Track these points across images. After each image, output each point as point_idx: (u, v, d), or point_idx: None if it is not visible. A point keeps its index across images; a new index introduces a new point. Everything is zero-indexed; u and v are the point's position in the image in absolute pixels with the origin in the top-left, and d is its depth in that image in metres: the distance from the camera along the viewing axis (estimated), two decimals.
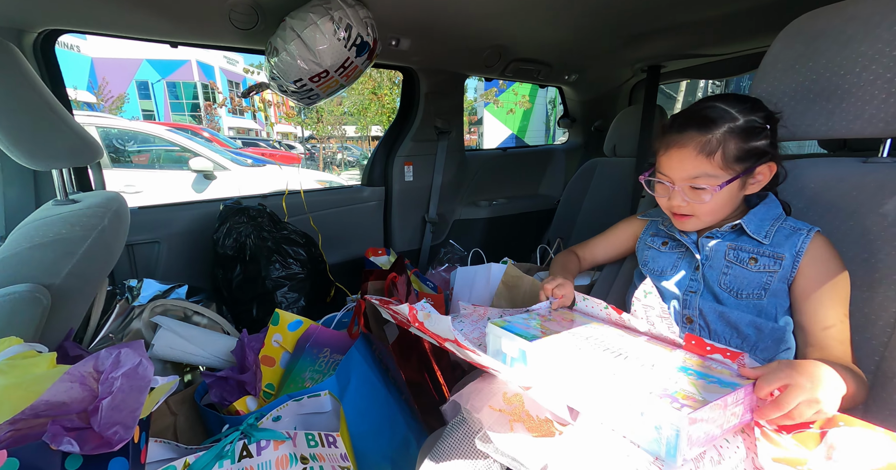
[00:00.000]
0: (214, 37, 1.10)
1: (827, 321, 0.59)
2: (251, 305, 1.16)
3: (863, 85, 0.63)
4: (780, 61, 0.71)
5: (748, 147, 0.63)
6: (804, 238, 0.63)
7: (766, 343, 0.64)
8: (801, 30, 0.70)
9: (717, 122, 0.63)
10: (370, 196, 1.70)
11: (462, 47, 1.47)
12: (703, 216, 0.69)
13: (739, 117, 0.63)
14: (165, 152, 3.94)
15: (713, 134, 0.63)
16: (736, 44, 1.52)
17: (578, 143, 2.39)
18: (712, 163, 0.63)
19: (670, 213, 0.73)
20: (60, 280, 0.63)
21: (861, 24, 0.63)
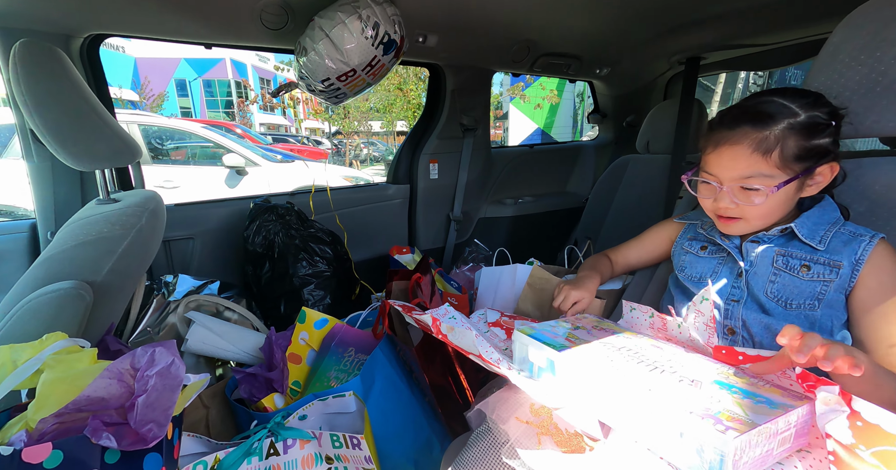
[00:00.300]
0: (246, 37, 1.12)
1: (893, 338, 0.54)
2: (279, 301, 1.19)
3: None
4: (843, 52, 0.65)
5: (810, 145, 0.58)
6: (866, 245, 0.58)
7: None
8: (868, 17, 0.63)
9: (776, 118, 0.58)
10: (395, 194, 1.70)
11: (490, 43, 1.44)
12: (753, 220, 0.64)
13: (801, 113, 0.58)
14: (201, 149, 4.10)
15: (771, 130, 0.58)
16: (785, 32, 1.41)
17: (609, 139, 2.31)
18: (768, 162, 0.58)
19: (714, 216, 0.69)
20: (102, 277, 0.66)
21: None
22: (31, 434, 0.46)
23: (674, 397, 0.45)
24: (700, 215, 0.81)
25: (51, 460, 0.45)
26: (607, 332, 0.65)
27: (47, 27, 0.93)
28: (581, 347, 0.57)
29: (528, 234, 2.03)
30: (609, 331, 0.65)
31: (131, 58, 15.64)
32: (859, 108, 0.64)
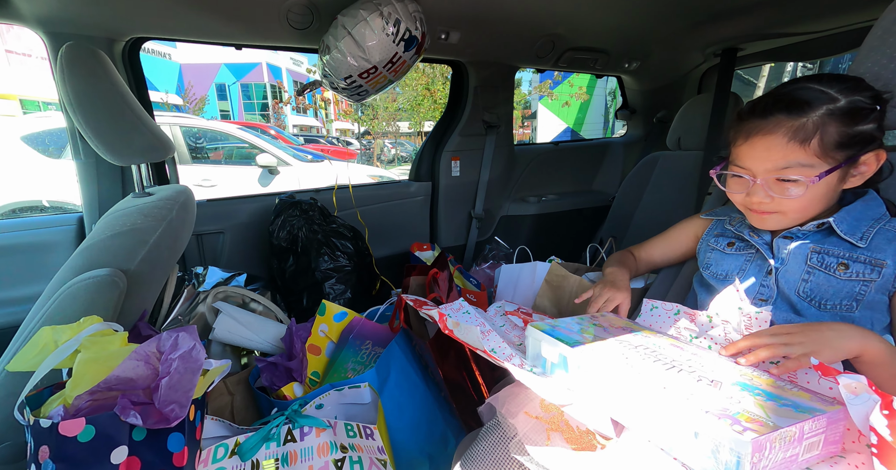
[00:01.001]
0: (274, 37, 1.16)
1: None
2: (302, 294, 1.22)
3: None
4: (894, 34, 0.60)
5: (852, 132, 0.54)
6: None
7: None
8: None
9: (813, 104, 0.54)
10: (417, 191, 1.71)
11: (513, 38, 1.42)
12: (791, 213, 0.60)
13: (840, 97, 0.54)
14: (237, 149, 4.28)
15: (808, 117, 0.54)
16: (834, 18, 1.31)
17: (638, 135, 2.23)
18: (807, 151, 0.54)
19: (746, 210, 0.64)
20: (135, 265, 0.70)
21: None
22: (67, 409, 0.50)
23: (690, 396, 0.43)
24: (728, 211, 0.77)
25: (84, 434, 0.48)
26: (626, 330, 0.63)
27: (93, 32, 1.00)
28: (595, 344, 0.56)
29: (551, 232, 1.99)
30: (627, 329, 0.63)
31: (176, 64, 16.57)
32: None
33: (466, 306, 0.69)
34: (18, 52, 10.46)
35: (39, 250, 1.11)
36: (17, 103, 11.29)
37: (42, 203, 2.94)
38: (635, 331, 0.61)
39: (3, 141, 3.03)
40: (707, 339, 0.57)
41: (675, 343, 0.57)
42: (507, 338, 0.69)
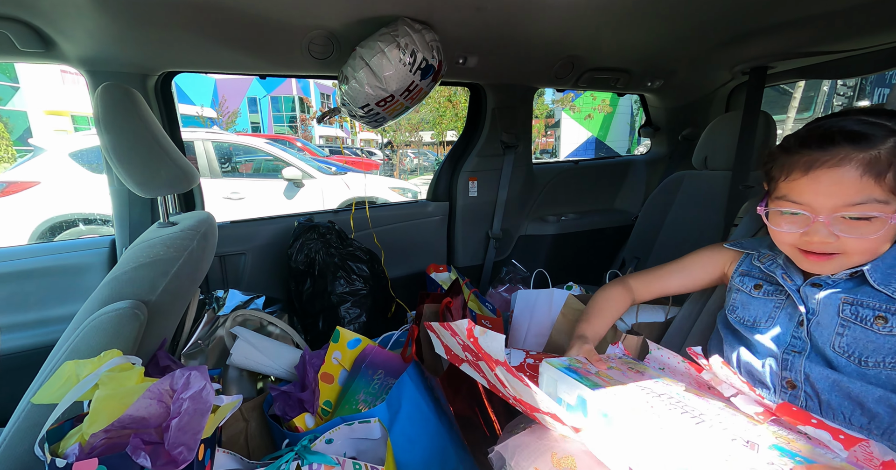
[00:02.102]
0: (297, 67, 1.20)
1: None
2: (318, 317, 1.24)
3: None
4: None
5: None
6: None
7: None
8: None
9: (879, 136, 0.50)
10: (434, 211, 1.71)
11: (531, 61, 1.42)
12: (856, 255, 0.54)
13: None
14: (264, 162, 4.44)
15: (879, 148, 0.50)
16: (867, 38, 1.24)
17: (662, 153, 2.17)
18: (882, 186, 0.50)
19: (796, 251, 0.58)
20: (156, 297, 0.72)
21: None
22: (83, 448, 0.52)
23: (728, 458, 0.40)
24: (757, 245, 0.72)
25: None
26: (644, 375, 0.59)
27: (128, 68, 1.06)
28: (617, 388, 0.53)
29: (571, 252, 1.95)
30: (646, 375, 0.60)
31: (212, 79, 17.45)
32: None
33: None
34: (72, 72, 11.26)
35: (74, 273, 1.17)
36: (69, 119, 12.07)
37: (75, 218, 3.11)
38: (654, 377, 0.58)
39: (52, 157, 3.25)
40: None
41: (698, 393, 0.54)
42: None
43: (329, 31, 1.06)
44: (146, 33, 0.95)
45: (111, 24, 0.89)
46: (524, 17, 1.06)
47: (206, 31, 0.97)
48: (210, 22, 0.93)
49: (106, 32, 0.92)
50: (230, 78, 17.69)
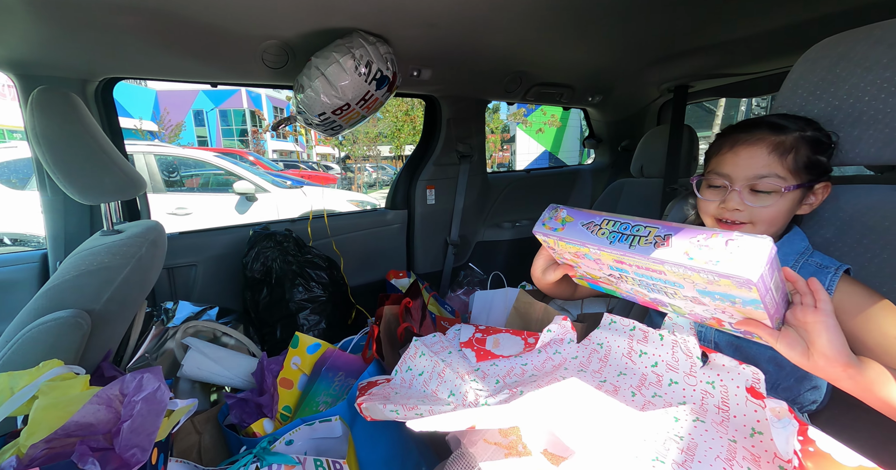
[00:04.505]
0: (249, 76, 1.20)
1: (891, 330, 0.53)
2: (276, 326, 1.21)
3: (891, 112, 0.60)
4: (801, 87, 0.69)
5: (815, 158, 0.61)
6: (832, 277, 0.58)
7: (788, 382, 0.60)
8: (821, 54, 0.67)
9: (790, 128, 0.62)
10: (393, 219, 1.74)
11: (482, 75, 1.51)
12: (761, 224, 0.62)
13: (808, 128, 0.62)
14: (214, 176, 4.25)
15: (787, 136, 0.61)
16: (766, 62, 1.47)
17: (605, 163, 2.35)
18: (784, 164, 0.60)
19: (716, 222, 0.67)
20: (101, 305, 0.69)
21: (887, 48, 0.60)
22: (21, 460, 0.49)
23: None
24: None
25: None
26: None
27: (65, 73, 1.01)
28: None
29: (526, 256, 2.03)
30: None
31: (152, 91, 16.50)
32: None
33: (422, 348, 0.73)
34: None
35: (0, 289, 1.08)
36: None
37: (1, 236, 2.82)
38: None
39: None
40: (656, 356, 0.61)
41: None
42: (461, 367, 0.71)
43: (283, 41, 1.08)
44: (86, 36, 0.91)
45: (46, 25, 0.84)
46: (475, 33, 1.14)
47: (154, 37, 0.95)
48: (159, 28, 0.92)
49: (40, 34, 0.87)
50: (173, 89, 16.81)
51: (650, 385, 0.59)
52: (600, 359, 0.67)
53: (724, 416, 0.51)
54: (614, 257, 0.54)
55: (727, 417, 0.51)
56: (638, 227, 0.51)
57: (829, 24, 1.07)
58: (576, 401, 0.54)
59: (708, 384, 0.54)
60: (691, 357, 0.56)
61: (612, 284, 0.64)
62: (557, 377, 0.63)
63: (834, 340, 0.45)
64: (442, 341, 0.81)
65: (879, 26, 0.62)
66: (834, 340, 0.45)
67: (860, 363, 0.45)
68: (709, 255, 0.44)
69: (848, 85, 0.64)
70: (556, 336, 0.73)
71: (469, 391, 0.66)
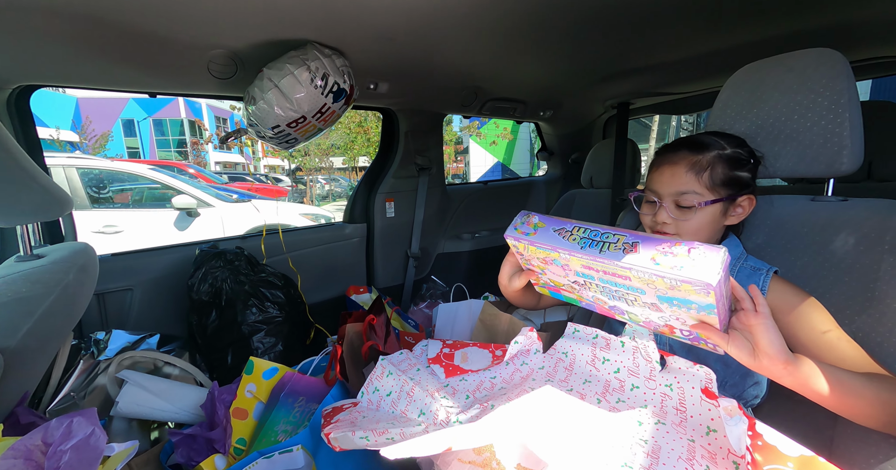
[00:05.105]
0: (194, 86, 1.13)
1: (821, 326, 0.58)
2: (226, 352, 1.12)
3: (803, 131, 0.68)
4: (730, 107, 0.76)
5: (733, 175, 0.67)
6: (764, 278, 0.65)
7: (734, 379, 0.64)
8: (745, 79, 0.75)
9: (709, 147, 0.67)
10: (352, 233, 1.70)
11: (439, 89, 1.53)
12: (686, 236, 0.69)
13: (727, 147, 0.68)
14: (148, 190, 3.93)
15: (704, 155, 0.66)
16: (697, 83, 1.62)
17: (558, 174, 2.46)
18: (700, 182, 0.66)
19: (652, 234, 0.73)
20: (16, 342, 0.60)
21: (797, 76, 0.69)
22: None
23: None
24: None
25: None
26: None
27: None
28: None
29: (487, 267, 2.07)
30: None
31: (72, 98, 15.03)
32: None
33: (389, 367, 0.71)
34: None
35: None
36: None
37: None
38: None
39: None
40: (618, 362, 0.63)
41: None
42: (430, 385, 0.70)
43: (232, 51, 1.03)
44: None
45: None
46: (431, 49, 1.16)
47: (80, 43, 0.86)
48: (87, 33, 0.83)
49: None
50: (97, 97, 15.44)
51: (614, 391, 0.61)
52: (566, 368, 0.69)
53: (682, 416, 0.54)
54: (583, 263, 0.55)
55: (685, 418, 0.54)
56: (607, 234, 0.54)
57: (752, 49, 1.20)
58: (545, 412, 0.54)
59: (667, 387, 0.57)
60: (651, 362, 0.59)
61: (574, 291, 0.66)
62: (526, 388, 0.63)
63: (774, 340, 0.49)
64: (409, 358, 0.79)
65: (790, 56, 0.71)
66: (774, 340, 0.49)
67: (797, 360, 0.50)
68: (673, 261, 0.47)
69: (768, 106, 0.72)
70: (523, 347, 0.73)
71: (440, 409, 0.65)
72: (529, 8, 0.94)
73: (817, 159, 0.67)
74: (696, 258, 0.46)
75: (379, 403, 0.72)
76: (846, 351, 0.56)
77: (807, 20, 1.03)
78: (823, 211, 0.69)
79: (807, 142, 0.68)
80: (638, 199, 0.75)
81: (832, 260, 0.65)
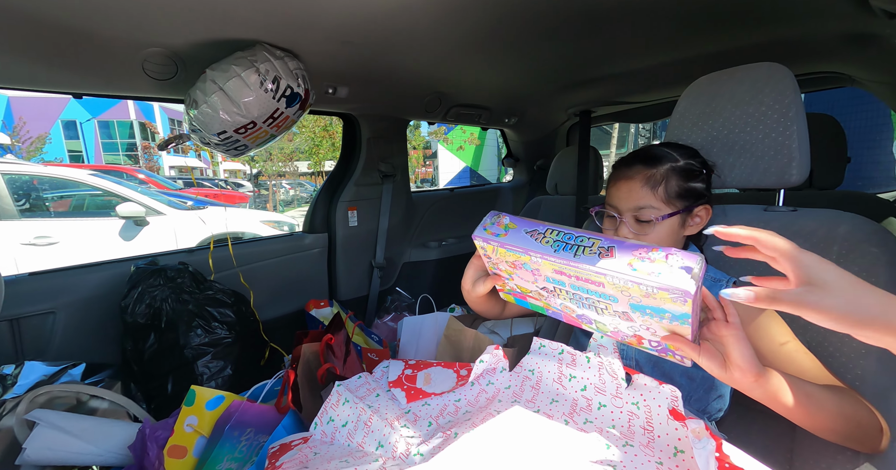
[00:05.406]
0: (128, 88, 1.03)
1: (779, 337, 0.59)
2: (166, 379, 1.02)
3: (755, 142, 0.69)
4: (687, 117, 0.77)
5: (687, 186, 0.67)
6: (724, 287, 0.65)
7: (698, 393, 0.64)
8: (701, 90, 0.76)
9: (662, 161, 0.67)
10: (312, 243, 1.61)
11: (402, 94, 1.49)
12: None
13: (680, 159, 0.68)
14: (90, 198, 3.62)
15: (657, 169, 0.66)
16: (656, 92, 1.67)
17: (524, 180, 2.47)
18: (656, 195, 0.66)
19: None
20: None
21: (749, 88, 0.70)
22: None
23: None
24: None
25: None
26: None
27: None
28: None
29: (454, 275, 2.03)
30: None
31: (3, 97, 13.80)
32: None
33: (346, 394, 0.66)
34: None
35: None
36: None
37: None
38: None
39: None
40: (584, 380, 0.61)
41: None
42: (391, 412, 0.65)
43: (170, 50, 0.94)
44: None
45: None
46: (392, 53, 1.12)
47: None
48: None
49: None
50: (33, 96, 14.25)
51: (581, 411, 0.59)
52: (532, 387, 0.66)
53: (649, 437, 0.52)
54: (555, 267, 0.52)
55: (652, 438, 0.52)
56: (581, 237, 0.51)
57: (707, 61, 1.24)
58: (511, 440, 0.51)
59: (633, 405, 0.55)
60: (616, 378, 0.58)
61: (541, 299, 0.63)
62: (492, 412, 0.60)
63: (745, 352, 0.47)
64: (368, 383, 0.73)
65: (741, 69, 0.73)
66: (745, 352, 0.47)
67: (767, 372, 0.49)
68: (651, 267, 0.45)
69: (722, 118, 0.73)
70: (489, 366, 0.70)
71: (399, 440, 0.60)
72: (491, 15, 0.92)
73: (769, 170, 0.68)
74: (674, 265, 0.44)
75: (333, 435, 0.66)
76: (804, 363, 0.57)
77: (755, 34, 1.07)
78: (775, 221, 0.70)
79: (759, 153, 0.69)
80: (599, 214, 0.75)
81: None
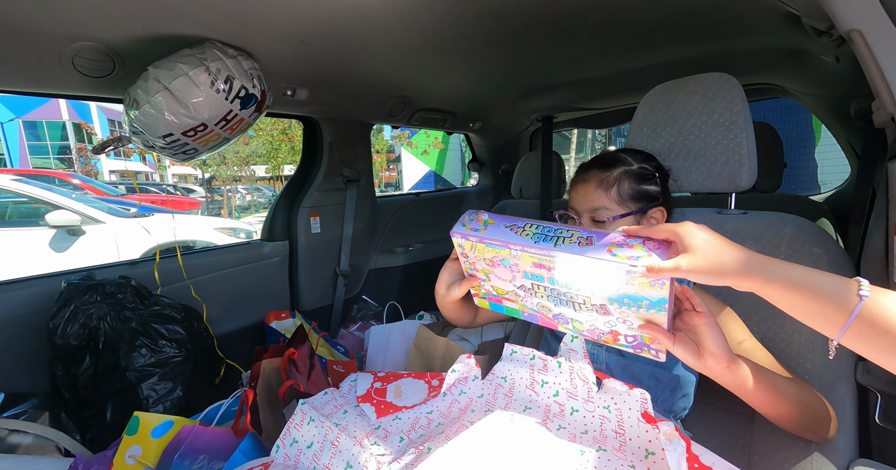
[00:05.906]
0: (56, 85, 0.93)
1: (738, 336, 0.61)
2: (104, 406, 0.92)
3: (708, 149, 0.73)
4: (646, 125, 0.80)
5: (640, 188, 0.69)
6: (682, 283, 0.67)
7: (665, 394, 0.65)
8: (657, 98, 0.79)
9: (615, 164, 0.70)
10: (272, 252, 1.53)
11: (364, 98, 1.46)
12: None
13: (634, 163, 0.70)
14: (13, 205, 3.27)
15: (611, 172, 0.69)
16: (614, 99, 1.75)
17: (489, 185, 2.49)
18: (609, 197, 0.68)
19: None
20: None
21: (701, 97, 0.73)
22: None
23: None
24: None
25: None
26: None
27: None
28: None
29: (421, 281, 2.01)
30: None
31: None
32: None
33: (310, 413, 0.62)
34: None
35: None
36: None
37: None
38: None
39: None
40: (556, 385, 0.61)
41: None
42: (360, 428, 0.62)
43: (104, 45, 0.86)
44: None
45: None
46: (353, 55, 1.08)
47: None
48: None
49: None
50: None
51: (554, 417, 0.59)
52: (505, 394, 0.66)
53: (621, 440, 0.53)
54: (535, 260, 0.52)
55: (624, 442, 0.52)
56: (560, 230, 0.52)
57: (663, 69, 1.31)
58: (485, 451, 0.50)
59: (605, 408, 0.55)
60: (587, 383, 0.58)
61: (517, 300, 0.62)
62: (465, 423, 0.58)
63: (718, 339, 0.49)
64: (335, 399, 0.69)
65: (693, 79, 0.76)
66: (718, 339, 0.49)
67: (737, 360, 0.51)
68: (630, 252, 0.47)
69: (678, 125, 0.76)
70: (461, 375, 0.69)
71: (369, 460, 0.57)
72: (454, 21, 0.91)
73: (722, 175, 0.72)
74: (652, 250, 0.46)
75: (297, 458, 0.62)
76: (761, 359, 0.59)
77: (706, 46, 1.14)
78: (728, 223, 0.74)
79: (712, 159, 0.73)
80: (563, 217, 0.77)
81: None
